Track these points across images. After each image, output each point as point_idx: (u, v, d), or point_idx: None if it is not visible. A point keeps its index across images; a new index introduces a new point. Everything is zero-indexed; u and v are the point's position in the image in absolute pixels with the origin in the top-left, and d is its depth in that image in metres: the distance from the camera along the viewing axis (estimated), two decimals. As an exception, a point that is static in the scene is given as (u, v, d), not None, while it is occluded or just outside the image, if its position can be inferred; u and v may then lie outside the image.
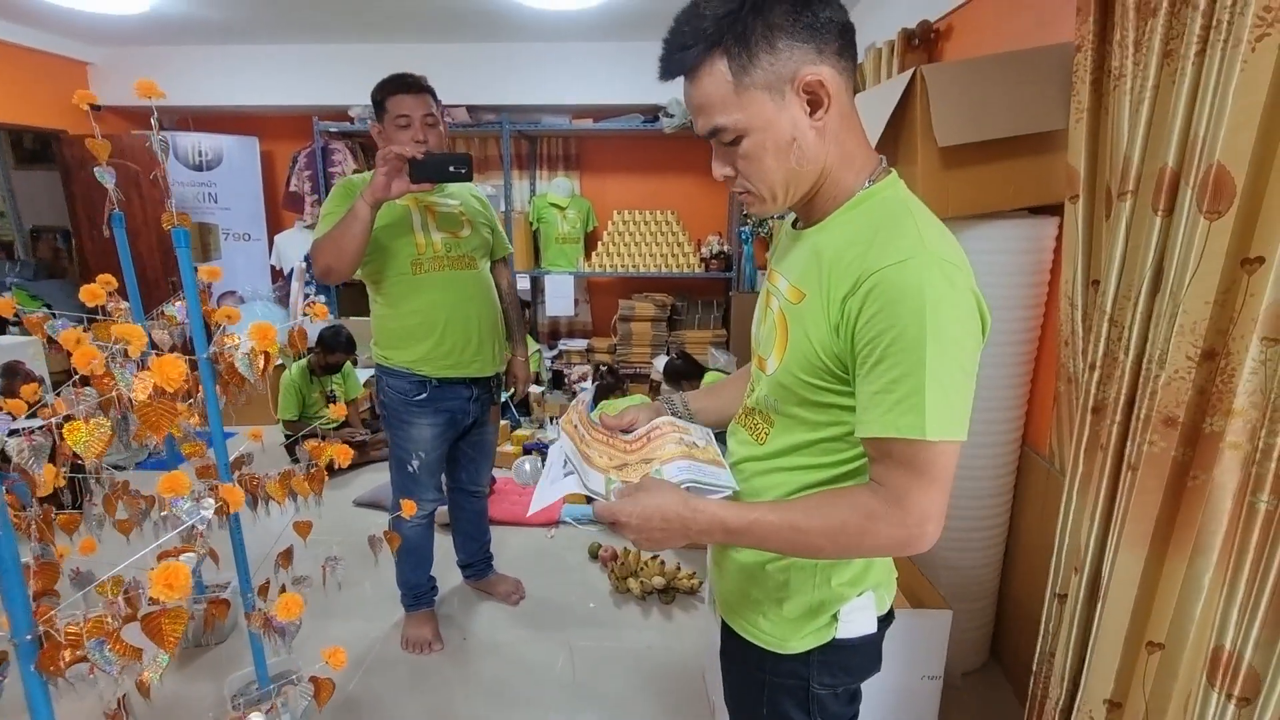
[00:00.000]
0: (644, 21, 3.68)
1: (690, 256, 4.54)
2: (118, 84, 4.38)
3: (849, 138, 0.78)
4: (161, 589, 0.90)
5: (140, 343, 1.13)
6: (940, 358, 0.68)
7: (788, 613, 0.87)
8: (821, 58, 0.72)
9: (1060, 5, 1.72)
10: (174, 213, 1.42)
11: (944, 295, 0.68)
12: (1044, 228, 1.66)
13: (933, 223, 0.75)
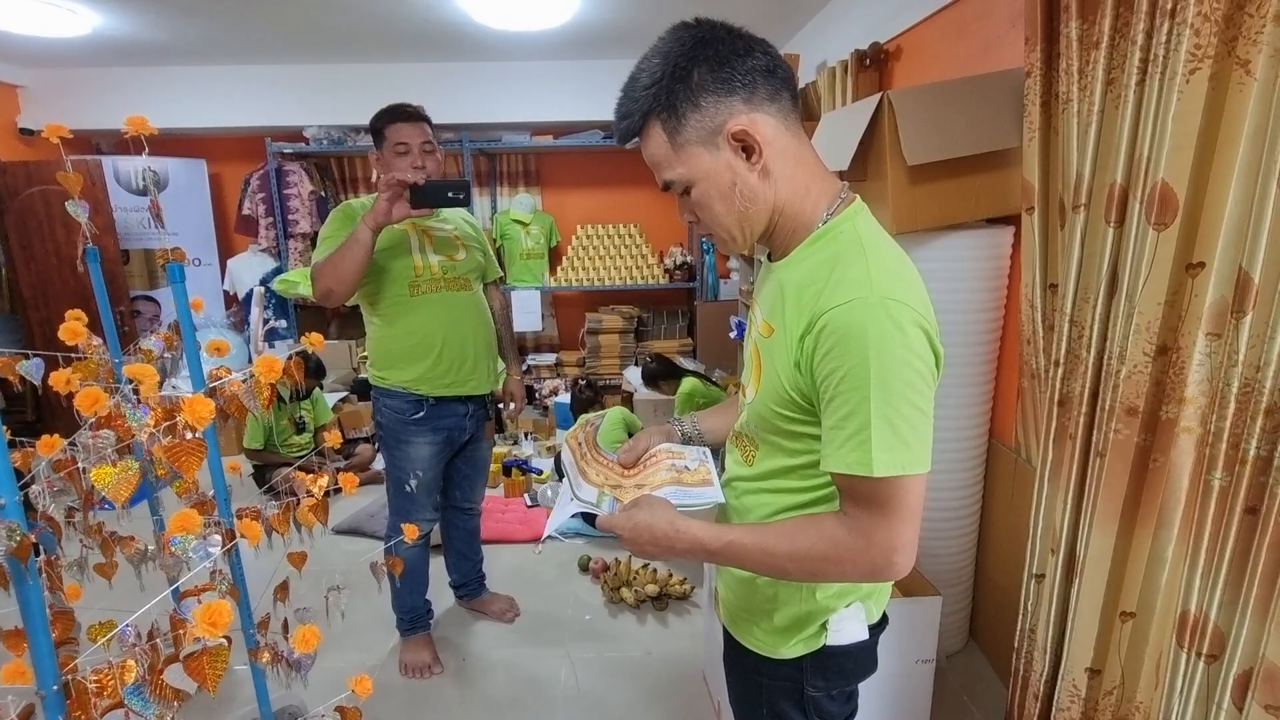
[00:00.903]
0: (601, 41, 3.76)
1: (654, 268, 4.62)
2: (52, 107, 4.19)
3: (798, 172, 0.81)
4: (205, 628, 0.91)
5: (152, 382, 1.13)
6: (886, 395, 0.70)
7: (777, 623, 0.91)
8: (750, 106, 0.77)
9: (1002, 30, 1.87)
10: (168, 249, 1.40)
11: (888, 334, 0.70)
12: (1001, 236, 1.80)
13: (886, 259, 0.77)
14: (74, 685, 0.98)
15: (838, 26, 3.07)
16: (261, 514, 1.51)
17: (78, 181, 1.62)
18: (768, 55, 0.81)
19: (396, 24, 3.40)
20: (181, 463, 1.01)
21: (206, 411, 1.00)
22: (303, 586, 1.57)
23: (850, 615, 0.91)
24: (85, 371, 1.42)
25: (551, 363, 4.79)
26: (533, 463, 3.66)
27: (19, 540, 0.85)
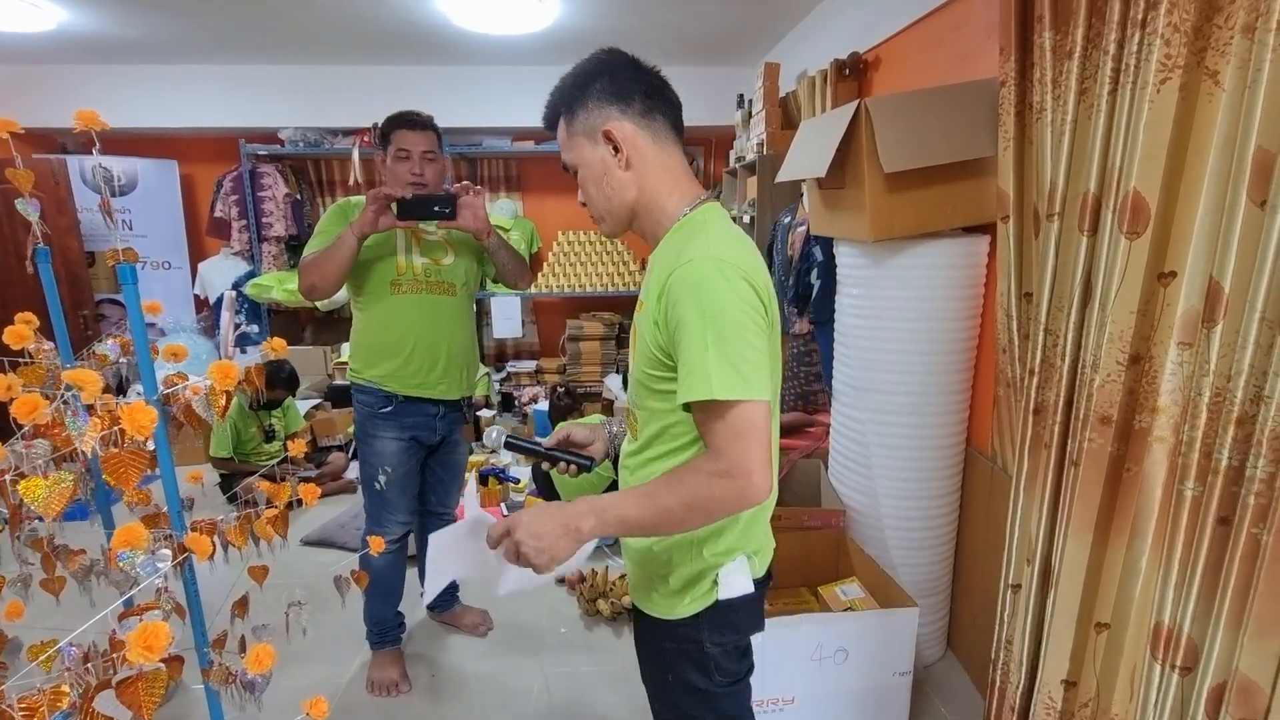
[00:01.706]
0: (582, 46, 3.72)
1: (636, 274, 4.60)
2: (14, 104, 4.07)
3: (661, 175, 0.98)
4: (140, 651, 0.85)
5: (94, 388, 1.07)
6: (719, 333, 0.83)
7: (673, 585, 1.00)
8: (624, 115, 0.96)
9: (978, 41, 1.88)
10: (119, 249, 1.35)
11: (717, 284, 0.85)
12: (977, 245, 1.80)
13: (725, 236, 0.92)
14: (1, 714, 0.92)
15: (817, 37, 3.09)
16: (218, 527, 1.45)
17: (28, 179, 1.55)
18: (654, 84, 1.00)
19: (374, 25, 3.36)
20: (119, 475, 0.95)
21: (148, 420, 0.95)
22: (268, 600, 1.51)
23: (736, 569, 1.00)
24: (32, 377, 1.36)
25: (531, 370, 4.74)
26: (510, 471, 3.60)
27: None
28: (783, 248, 2.70)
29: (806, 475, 2.35)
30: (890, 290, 1.82)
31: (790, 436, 2.52)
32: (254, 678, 1.28)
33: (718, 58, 4.00)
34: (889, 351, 1.85)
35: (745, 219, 3.55)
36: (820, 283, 2.35)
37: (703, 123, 4.28)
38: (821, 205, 1.99)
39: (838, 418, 2.10)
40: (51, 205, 3.90)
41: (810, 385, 2.63)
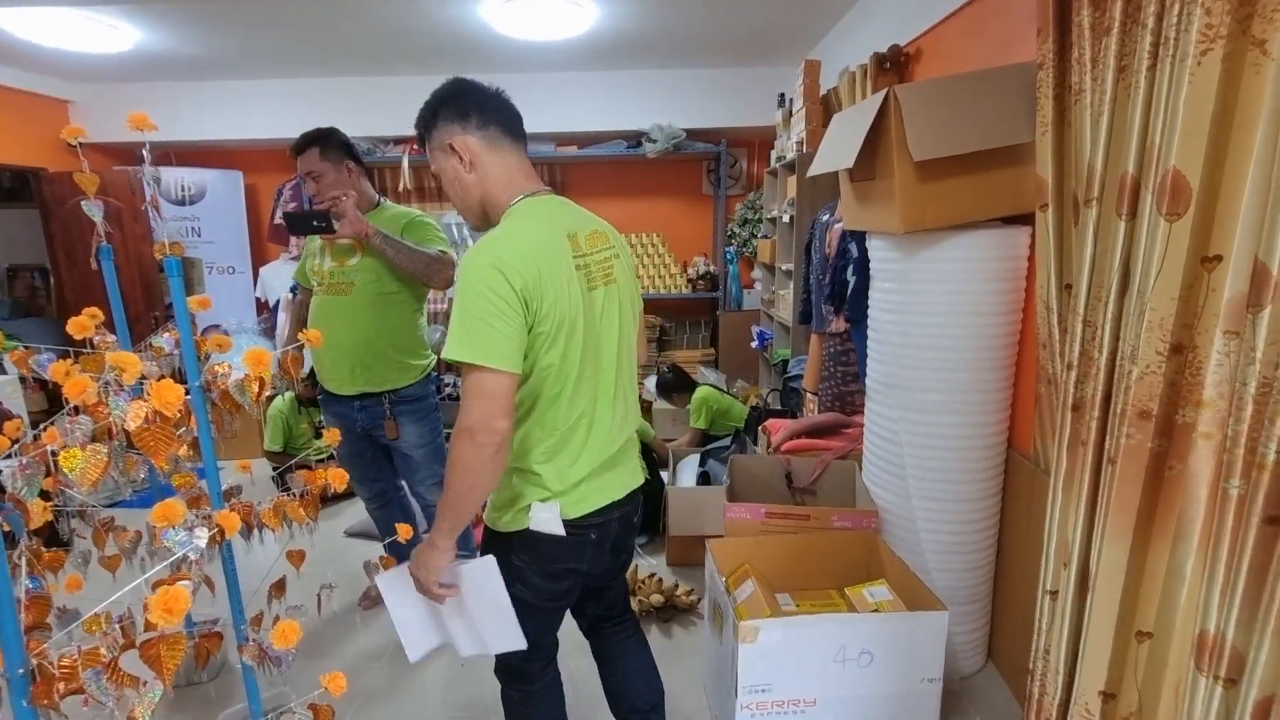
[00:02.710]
0: (625, 51, 3.78)
1: (677, 277, 4.60)
2: (99, 121, 4.39)
3: (498, 175, 1.23)
4: (160, 614, 0.90)
5: (134, 370, 1.14)
6: (461, 310, 1.09)
7: (495, 502, 1.28)
8: (465, 130, 1.21)
9: (1020, 27, 1.80)
10: (165, 243, 1.43)
11: (466, 271, 1.10)
12: (1017, 236, 1.72)
13: (510, 230, 1.16)
14: (40, 670, 0.98)
15: (858, 32, 3.03)
16: (253, 509, 1.51)
17: (94, 182, 1.67)
18: (489, 102, 1.24)
19: (422, 37, 3.48)
20: (151, 448, 1.01)
21: (175, 397, 1.00)
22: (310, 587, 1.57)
23: (546, 509, 1.21)
24: (92, 366, 1.46)
25: (571, 371, 4.79)
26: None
27: (-16, 520, 0.86)
28: (820, 245, 2.65)
29: (841, 477, 2.29)
30: (923, 284, 1.76)
31: (825, 437, 2.46)
32: (280, 652, 1.33)
33: (758, 58, 3.97)
34: (922, 347, 1.79)
35: (785, 218, 3.50)
36: (856, 279, 2.29)
37: (745, 123, 4.26)
38: (853, 199, 1.94)
39: (871, 416, 2.04)
40: (129, 214, 4.18)
41: (847, 385, 2.57)
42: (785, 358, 3.54)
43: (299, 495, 1.51)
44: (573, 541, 1.24)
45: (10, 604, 0.95)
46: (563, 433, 1.21)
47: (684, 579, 2.52)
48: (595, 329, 1.21)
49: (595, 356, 1.22)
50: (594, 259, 1.24)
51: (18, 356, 1.39)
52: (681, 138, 4.27)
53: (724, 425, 3.48)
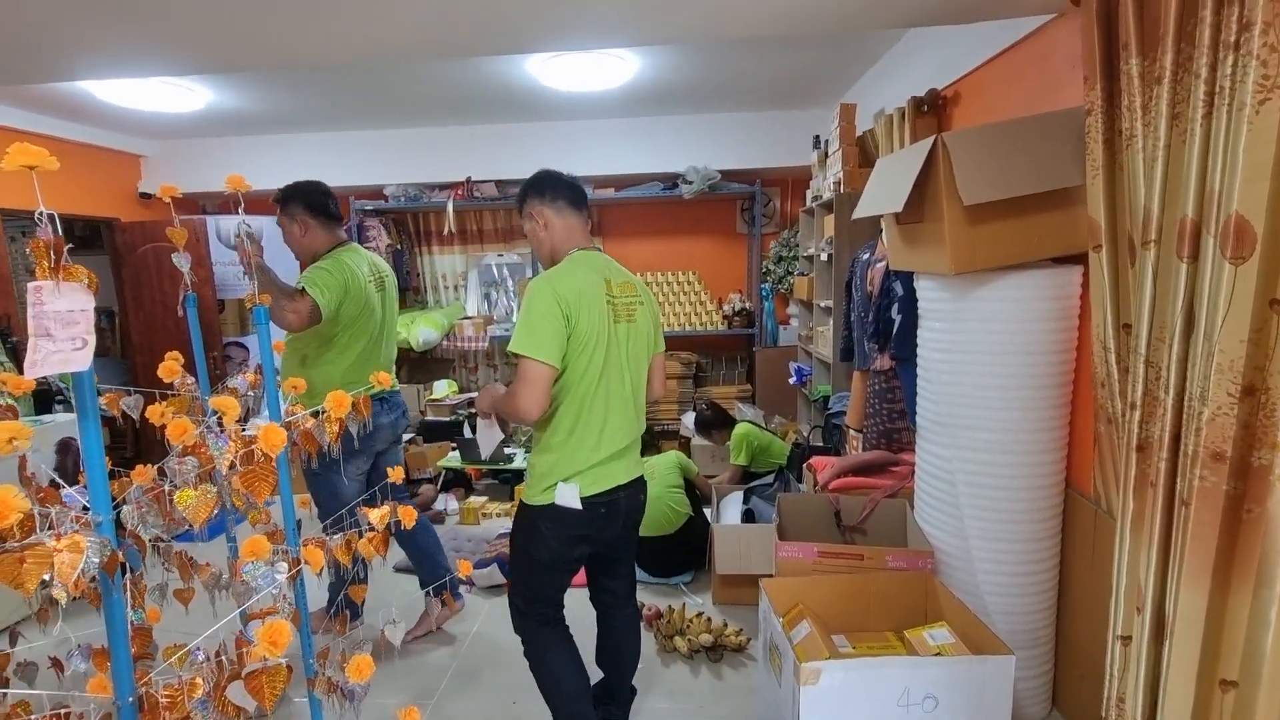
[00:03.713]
0: (659, 99, 3.92)
1: (713, 314, 4.65)
2: (169, 174, 4.67)
3: (564, 235, 1.71)
4: (266, 646, 0.95)
5: (234, 413, 1.22)
6: (525, 317, 1.55)
7: (529, 481, 1.70)
8: (542, 203, 1.70)
9: (1061, 73, 1.85)
10: (255, 293, 1.53)
11: (533, 292, 1.56)
12: (1069, 276, 1.74)
13: (564, 269, 1.63)
14: (147, 698, 1.03)
15: (895, 75, 3.10)
16: (326, 545, 1.57)
17: (183, 236, 1.79)
18: (560, 183, 1.72)
19: (470, 90, 3.66)
20: (254, 487, 1.08)
21: (279, 439, 1.07)
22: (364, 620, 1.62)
23: (569, 487, 1.62)
24: (178, 406, 1.55)
25: (609, 408, 4.83)
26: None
27: (109, 555, 0.92)
28: (861, 284, 2.68)
29: (892, 515, 2.28)
30: (975, 323, 1.77)
31: (873, 475, 2.45)
32: (354, 686, 1.37)
33: (792, 101, 4.08)
34: (975, 386, 1.80)
35: (823, 256, 3.54)
36: (901, 318, 2.31)
37: (779, 164, 4.35)
38: (900, 240, 1.98)
39: (923, 455, 2.04)
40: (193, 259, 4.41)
41: (894, 422, 2.56)
42: (826, 394, 3.54)
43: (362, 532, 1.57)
44: (587, 513, 1.64)
45: (124, 635, 1.01)
46: (584, 423, 1.62)
47: (732, 618, 2.50)
48: (615, 352, 1.64)
49: (612, 372, 1.64)
50: (621, 301, 1.68)
51: (109, 398, 1.48)
52: (717, 179, 4.37)
53: (765, 462, 3.48)
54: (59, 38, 1.86)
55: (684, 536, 2.87)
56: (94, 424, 0.90)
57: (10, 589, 0.80)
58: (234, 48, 1.98)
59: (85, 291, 0.86)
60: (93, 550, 0.88)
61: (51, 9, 1.67)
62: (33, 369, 0.82)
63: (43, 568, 0.80)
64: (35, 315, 0.83)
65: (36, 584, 0.80)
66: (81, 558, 0.85)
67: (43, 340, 0.83)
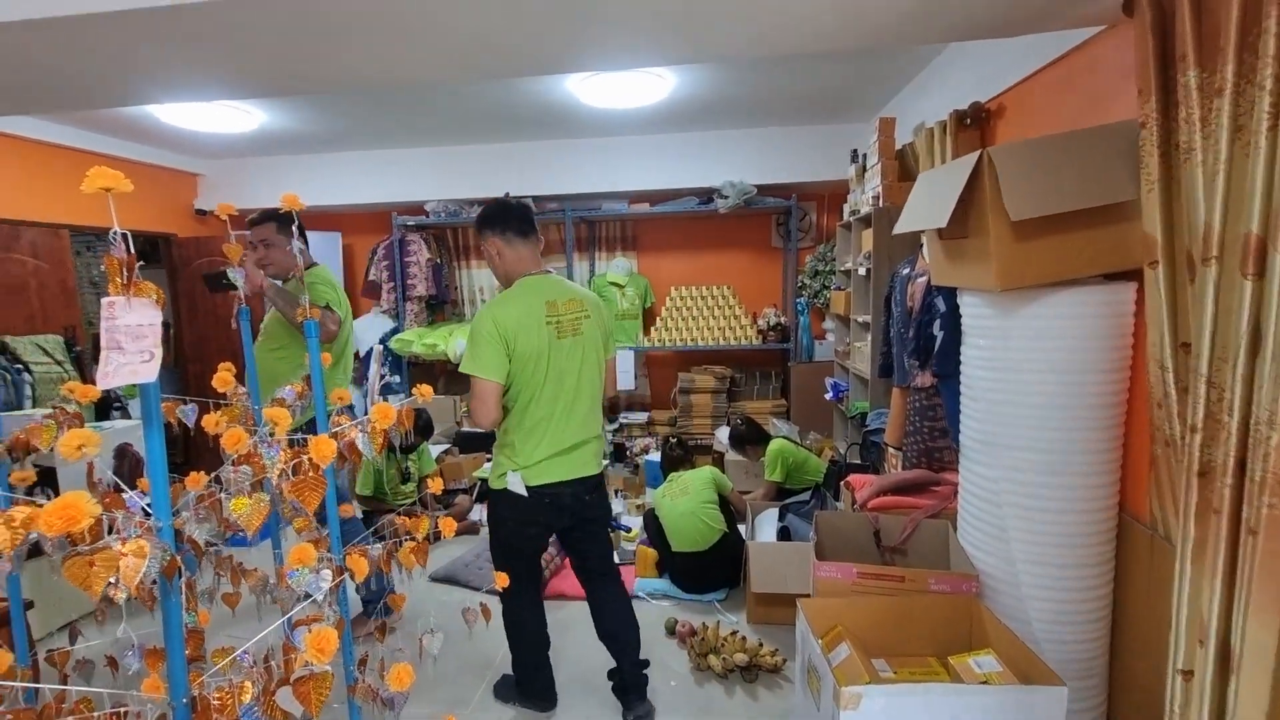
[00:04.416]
0: (694, 114, 3.94)
1: (747, 329, 4.63)
2: (223, 191, 4.87)
3: (512, 263, 1.96)
4: (314, 653, 0.97)
5: (285, 424, 1.26)
6: (470, 344, 1.87)
7: (491, 470, 2.01)
8: (494, 234, 1.94)
9: (1112, 84, 1.80)
10: (306, 306, 1.58)
11: (477, 321, 1.88)
12: (1122, 293, 1.68)
13: (506, 297, 1.91)
14: (200, 700, 1.06)
15: (935, 88, 3.07)
16: (368, 553, 1.60)
17: (237, 252, 1.86)
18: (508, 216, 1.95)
19: (509, 108, 3.74)
20: (304, 497, 1.11)
21: (329, 451, 1.10)
22: (398, 629, 1.64)
23: (514, 476, 1.91)
24: (231, 415, 1.60)
25: (643, 421, 4.83)
26: (622, 520, 3.66)
27: (168, 559, 0.96)
28: (901, 299, 2.64)
29: (933, 537, 2.22)
30: (1022, 341, 1.73)
31: (914, 494, 2.40)
32: (394, 695, 1.39)
33: (829, 115, 4.06)
34: (1023, 405, 1.75)
35: (861, 271, 3.50)
36: (944, 334, 2.27)
37: (815, 178, 4.33)
38: (943, 255, 1.95)
39: (967, 475, 1.99)
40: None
41: (935, 441, 2.50)
42: (863, 410, 3.48)
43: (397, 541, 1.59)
44: (533, 501, 1.92)
45: (180, 638, 1.04)
46: (529, 426, 1.90)
47: (767, 637, 2.46)
48: (559, 364, 1.90)
49: (557, 381, 1.90)
50: (567, 318, 1.92)
51: (167, 407, 1.54)
52: (752, 193, 4.37)
53: (800, 479, 3.43)
54: (127, 66, 1.96)
55: (718, 553, 2.84)
56: (158, 433, 0.94)
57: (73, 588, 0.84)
58: (287, 72, 2.07)
59: (153, 306, 0.90)
60: (154, 555, 0.91)
61: (123, 41, 1.77)
62: (105, 380, 0.86)
63: (109, 571, 0.83)
64: (107, 329, 0.87)
65: (103, 586, 0.84)
66: (144, 562, 0.88)
67: (114, 353, 0.87)
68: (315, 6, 1.60)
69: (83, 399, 1.45)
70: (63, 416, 1.37)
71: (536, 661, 2.14)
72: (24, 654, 1.57)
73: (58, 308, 3.88)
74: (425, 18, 1.68)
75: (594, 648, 2.46)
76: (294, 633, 1.32)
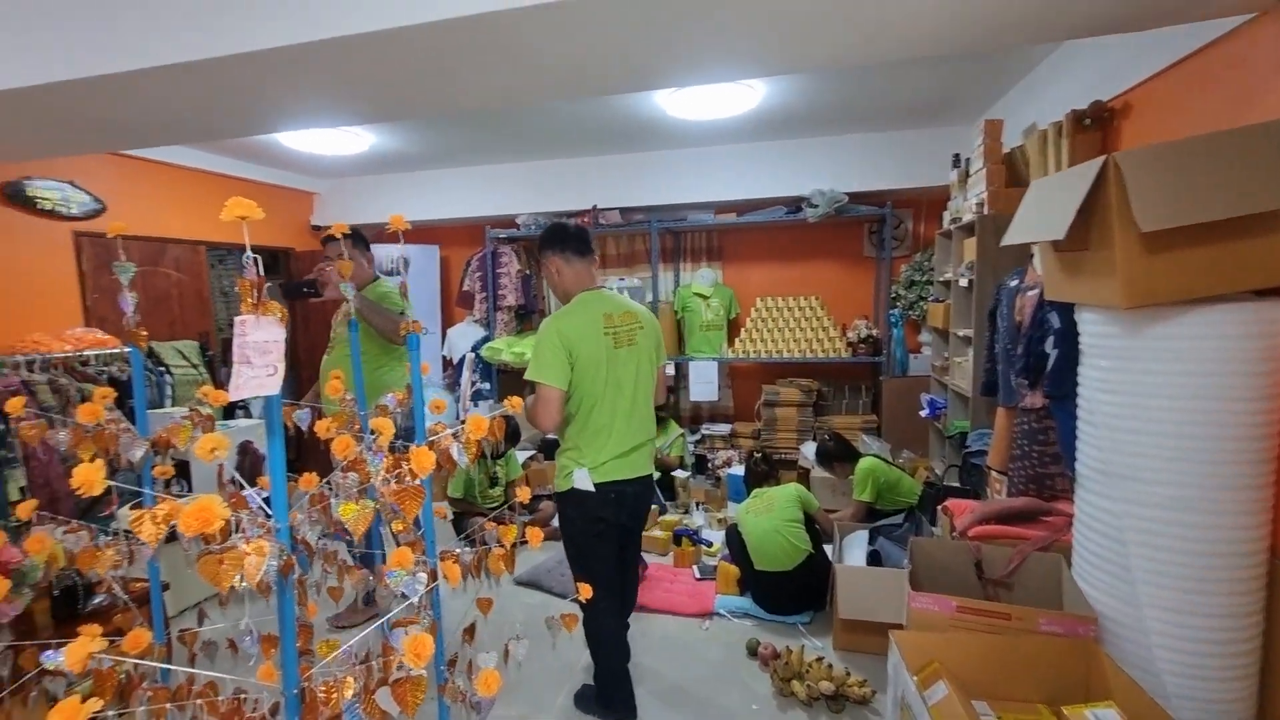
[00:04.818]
0: (786, 122, 3.87)
1: (836, 341, 4.48)
2: (335, 207, 5.25)
3: (570, 280, 2.11)
4: (411, 657, 1.01)
5: (389, 434, 1.32)
6: (535, 352, 2.01)
7: (556, 475, 2.12)
8: (553, 252, 2.11)
9: (1261, 79, 1.62)
10: (410, 320, 1.67)
11: (542, 331, 2.03)
12: (1273, 311, 1.50)
13: (570, 309, 2.07)
14: (308, 692, 1.13)
15: (1048, 87, 2.87)
16: (460, 558, 1.66)
17: (349, 268, 1.98)
18: (566, 237, 2.11)
19: (599, 123, 3.82)
20: (405, 505, 1.16)
21: (429, 463, 1.15)
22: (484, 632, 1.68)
23: (582, 474, 2.02)
24: (340, 421, 1.71)
25: (726, 433, 4.78)
26: (703, 534, 3.62)
27: (285, 559, 1.03)
28: (1008, 313, 2.47)
29: (1043, 571, 2.05)
30: (1152, 364, 1.57)
31: (1021, 524, 2.23)
32: (481, 699, 1.43)
33: (928, 119, 3.88)
34: (1151, 434, 1.59)
35: (962, 282, 3.31)
36: (1058, 353, 2.10)
37: (911, 185, 4.15)
38: (1059, 269, 1.80)
39: (1084, 507, 1.82)
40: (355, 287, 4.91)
41: (1045, 467, 2.32)
42: (963, 430, 3.28)
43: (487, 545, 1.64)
44: (600, 496, 2.04)
45: (293, 632, 1.11)
46: (593, 431, 2.04)
47: (854, 666, 2.36)
48: (616, 372, 2.04)
49: (615, 388, 2.05)
50: (623, 329, 2.07)
51: (284, 411, 1.66)
52: (843, 201, 4.24)
53: (892, 500, 3.28)
54: (260, 100, 2.15)
55: (803, 574, 2.76)
56: (279, 442, 1.02)
57: (202, 575, 0.92)
58: (398, 99, 2.20)
59: (278, 325, 0.97)
60: (273, 554, 0.98)
61: (255, 78, 1.93)
62: (236, 392, 0.93)
63: (236, 568, 0.90)
64: (239, 345, 0.95)
65: (230, 582, 0.91)
66: (264, 560, 0.95)
67: (244, 367, 0.94)
68: (426, 41, 1.69)
69: (214, 403, 1.59)
70: (197, 418, 1.51)
71: (615, 672, 2.18)
72: (160, 632, 1.73)
73: (194, 316, 4.30)
74: (527, 44, 1.74)
75: (675, 662, 2.44)
76: (392, 634, 1.38)
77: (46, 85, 1.93)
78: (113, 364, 3.53)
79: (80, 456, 1.38)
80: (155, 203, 4.07)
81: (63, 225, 3.60)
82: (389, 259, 5.13)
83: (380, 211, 5.13)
